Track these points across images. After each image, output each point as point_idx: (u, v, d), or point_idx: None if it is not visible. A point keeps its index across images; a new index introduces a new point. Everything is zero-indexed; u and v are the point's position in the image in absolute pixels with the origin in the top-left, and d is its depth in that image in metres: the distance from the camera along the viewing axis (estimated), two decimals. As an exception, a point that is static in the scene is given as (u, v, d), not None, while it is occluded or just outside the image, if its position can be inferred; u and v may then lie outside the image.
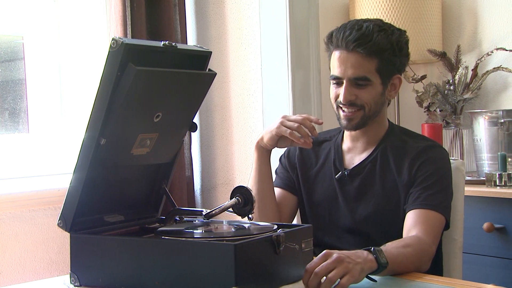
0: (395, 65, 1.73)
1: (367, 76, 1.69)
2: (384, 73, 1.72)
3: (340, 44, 1.70)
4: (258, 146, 1.81)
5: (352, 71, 1.69)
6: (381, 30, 1.70)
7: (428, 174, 1.69)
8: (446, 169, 1.74)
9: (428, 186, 1.68)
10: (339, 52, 1.71)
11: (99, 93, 1.33)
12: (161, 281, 1.31)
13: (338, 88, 1.73)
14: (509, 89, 2.83)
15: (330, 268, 1.29)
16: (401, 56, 1.74)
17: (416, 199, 1.67)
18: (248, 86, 2.79)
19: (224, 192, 2.87)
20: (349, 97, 1.70)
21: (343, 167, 1.80)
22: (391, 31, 1.72)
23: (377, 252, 1.40)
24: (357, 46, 1.67)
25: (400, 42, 1.72)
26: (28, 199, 2.36)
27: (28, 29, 2.63)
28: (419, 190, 1.68)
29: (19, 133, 2.62)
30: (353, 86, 1.70)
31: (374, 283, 1.41)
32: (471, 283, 1.48)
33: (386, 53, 1.69)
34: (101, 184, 1.43)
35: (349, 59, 1.69)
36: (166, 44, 1.39)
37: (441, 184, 1.70)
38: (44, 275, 2.37)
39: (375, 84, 1.71)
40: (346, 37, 1.68)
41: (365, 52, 1.67)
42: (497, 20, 2.87)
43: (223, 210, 1.46)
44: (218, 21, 2.87)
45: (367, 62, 1.68)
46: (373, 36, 1.67)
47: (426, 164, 1.71)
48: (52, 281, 1.57)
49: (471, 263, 2.34)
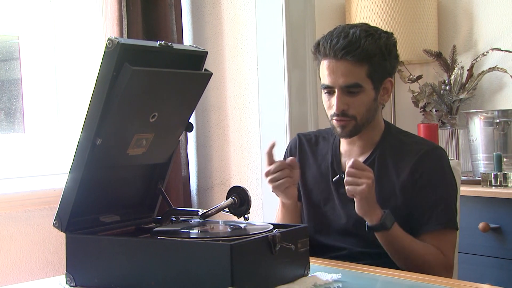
0: (386, 68, 1.72)
1: (358, 83, 1.67)
2: (376, 78, 1.70)
3: (328, 53, 1.68)
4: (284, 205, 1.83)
5: (343, 79, 1.67)
6: (368, 35, 1.68)
7: (434, 186, 1.69)
8: (450, 173, 1.74)
9: (435, 202, 1.68)
10: (328, 61, 1.69)
11: (95, 93, 1.33)
12: (157, 281, 1.31)
13: (330, 98, 1.72)
14: (504, 89, 2.84)
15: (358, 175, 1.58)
16: (391, 59, 1.72)
17: (427, 220, 1.68)
18: (244, 86, 2.79)
19: (220, 192, 2.87)
20: (342, 106, 1.69)
21: (340, 170, 1.80)
22: (378, 35, 1.70)
23: (388, 214, 1.60)
24: (346, 54, 1.65)
25: (388, 45, 1.71)
26: (24, 199, 2.36)
27: (24, 29, 2.63)
28: (428, 211, 1.68)
29: (15, 133, 2.62)
30: (345, 95, 1.69)
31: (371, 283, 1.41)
32: (466, 282, 1.48)
33: (375, 58, 1.67)
34: (97, 184, 1.43)
35: (339, 67, 1.67)
36: (162, 44, 1.39)
37: (447, 194, 1.71)
38: (39, 275, 2.36)
39: (367, 90, 1.69)
40: (334, 46, 1.66)
41: (354, 59, 1.65)
42: (493, 20, 2.88)
43: (219, 210, 1.47)
44: (214, 21, 2.87)
45: (357, 69, 1.67)
46: (360, 42, 1.65)
47: (430, 173, 1.70)
48: (47, 282, 1.57)
49: (466, 263, 2.35)
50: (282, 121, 2.66)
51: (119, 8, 2.50)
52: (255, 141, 2.76)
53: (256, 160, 2.75)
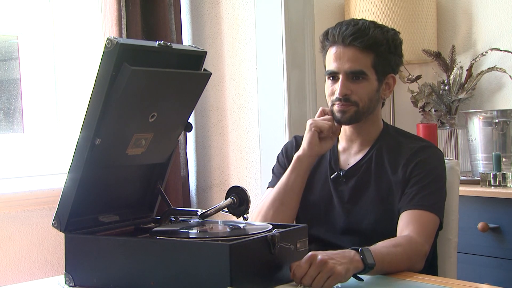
0: (390, 62, 1.75)
1: (363, 70, 1.71)
2: (380, 70, 1.73)
3: (337, 39, 1.72)
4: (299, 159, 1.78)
5: (348, 65, 1.70)
6: (377, 26, 1.74)
7: (422, 175, 1.70)
8: (441, 169, 1.75)
9: (422, 187, 1.68)
10: (335, 48, 1.73)
11: (94, 93, 1.33)
12: (156, 281, 1.31)
13: (334, 84, 1.74)
14: (503, 89, 2.84)
15: (314, 275, 1.32)
16: (396, 55, 1.76)
17: (410, 200, 1.68)
18: (243, 86, 2.79)
19: (219, 192, 2.87)
20: (345, 91, 1.71)
21: (338, 167, 1.81)
22: (386, 29, 1.76)
23: (364, 252, 1.41)
24: (354, 40, 1.69)
25: (395, 40, 1.76)
26: (23, 199, 2.36)
27: (23, 29, 2.62)
28: (414, 191, 1.68)
29: (14, 133, 2.62)
30: (349, 81, 1.72)
31: (371, 283, 1.41)
32: (465, 282, 1.49)
33: (382, 48, 1.72)
34: (96, 184, 1.43)
35: (346, 53, 1.71)
36: (161, 44, 1.39)
37: (435, 185, 1.70)
38: (38, 275, 2.36)
39: (370, 79, 1.73)
40: (343, 32, 1.71)
41: (361, 45, 1.70)
42: (492, 20, 2.88)
43: (218, 210, 1.47)
44: (213, 21, 2.87)
45: (364, 56, 1.71)
46: (369, 30, 1.71)
47: (421, 164, 1.71)
48: (46, 282, 1.57)
49: (465, 263, 2.35)
50: (281, 121, 2.66)
51: (118, 8, 2.50)
52: (254, 141, 2.76)
53: (255, 160, 2.75)
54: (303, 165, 1.77)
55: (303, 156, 1.77)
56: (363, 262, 1.40)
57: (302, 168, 1.77)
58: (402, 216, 1.67)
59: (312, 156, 1.77)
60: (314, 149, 1.76)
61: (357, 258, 1.39)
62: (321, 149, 1.77)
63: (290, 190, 1.77)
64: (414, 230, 1.62)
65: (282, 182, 1.79)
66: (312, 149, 1.76)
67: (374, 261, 1.41)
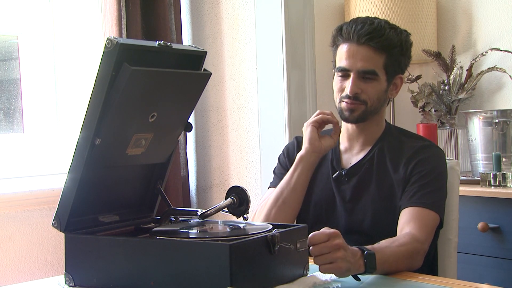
0: (400, 64, 1.77)
1: (375, 70, 1.72)
2: (390, 71, 1.74)
3: (352, 37, 1.72)
4: (302, 158, 1.78)
5: (361, 64, 1.71)
6: (391, 27, 1.75)
7: (423, 173, 1.70)
8: (442, 169, 1.75)
9: (423, 185, 1.69)
10: (348, 45, 1.73)
11: (94, 93, 1.33)
12: (156, 281, 1.30)
13: (344, 81, 1.74)
14: (503, 89, 2.84)
15: (324, 251, 1.35)
16: (406, 57, 1.78)
17: (410, 197, 1.68)
18: (243, 86, 2.79)
19: (219, 192, 2.87)
20: (356, 90, 1.72)
21: (340, 166, 1.81)
22: (400, 31, 1.77)
23: (369, 257, 1.41)
24: (369, 39, 1.70)
25: (407, 42, 1.77)
26: (23, 199, 2.36)
27: (23, 29, 2.63)
28: (414, 189, 1.69)
29: (14, 133, 2.62)
30: (360, 80, 1.72)
31: (371, 283, 1.41)
32: (465, 282, 1.49)
33: (395, 50, 1.73)
34: (96, 184, 1.43)
35: (359, 52, 1.71)
36: (161, 44, 1.39)
37: (436, 183, 1.71)
38: (38, 275, 2.36)
39: (381, 80, 1.73)
40: (358, 31, 1.71)
41: (376, 46, 1.70)
42: (492, 20, 2.88)
43: (218, 210, 1.47)
44: (213, 21, 2.87)
45: (377, 57, 1.71)
46: (385, 31, 1.71)
47: (422, 163, 1.72)
48: (46, 282, 1.57)
49: (465, 263, 2.35)
50: (281, 121, 2.66)
51: (118, 8, 2.50)
52: (254, 141, 2.76)
53: (255, 160, 2.75)
54: (307, 163, 1.78)
55: (306, 154, 1.78)
56: (365, 267, 1.41)
57: (305, 166, 1.78)
58: (402, 213, 1.67)
59: (315, 152, 1.78)
60: (315, 144, 1.77)
61: (361, 262, 1.41)
62: (322, 145, 1.77)
63: (293, 189, 1.78)
64: (415, 228, 1.62)
65: (285, 181, 1.79)
66: (314, 145, 1.77)
67: (375, 268, 1.42)
